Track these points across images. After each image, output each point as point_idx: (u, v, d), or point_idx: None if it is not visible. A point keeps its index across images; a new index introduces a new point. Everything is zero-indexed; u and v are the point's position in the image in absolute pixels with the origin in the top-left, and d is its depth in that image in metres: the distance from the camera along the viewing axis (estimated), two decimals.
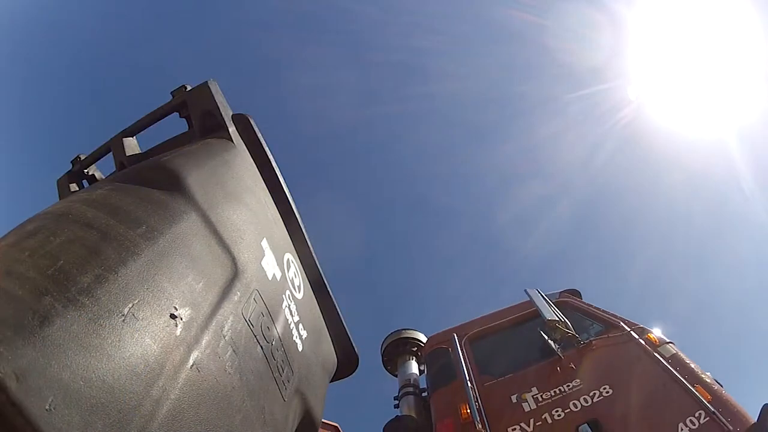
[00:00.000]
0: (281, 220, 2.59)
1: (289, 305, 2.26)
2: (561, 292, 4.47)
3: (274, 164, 2.59)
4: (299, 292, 2.50)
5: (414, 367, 5.19)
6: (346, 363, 2.99)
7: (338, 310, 2.92)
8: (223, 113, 2.42)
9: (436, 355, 4.31)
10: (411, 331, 5.43)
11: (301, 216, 2.74)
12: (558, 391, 3.36)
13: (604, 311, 3.99)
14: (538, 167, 16.44)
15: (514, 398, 3.40)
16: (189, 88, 2.51)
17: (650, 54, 14.33)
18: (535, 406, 3.30)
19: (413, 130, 17.11)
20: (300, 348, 2.28)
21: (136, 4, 19.42)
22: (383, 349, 5.46)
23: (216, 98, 2.42)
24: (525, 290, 4.19)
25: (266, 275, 2.11)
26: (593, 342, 3.67)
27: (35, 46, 18.91)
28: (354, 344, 3.00)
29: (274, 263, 2.26)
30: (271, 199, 2.55)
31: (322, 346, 2.67)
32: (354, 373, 3.11)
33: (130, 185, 1.81)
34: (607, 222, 16.49)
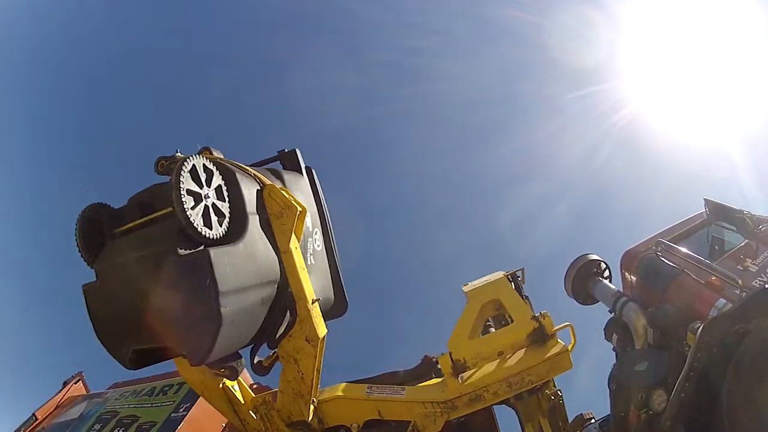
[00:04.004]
0: (317, 213, 4.56)
1: (314, 242, 4.28)
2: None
3: (318, 187, 4.64)
4: (318, 245, 4.37)
5: (608, 284, 5.79)
6: (339, 304, 4.46)
7: (339, 269, 4.54)
8: (302, 167, 4.58)
9: (647, 261, 5.33)
10: (591, 255, 6.00)
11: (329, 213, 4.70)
12: (764, 257, 4.69)
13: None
14: (536, 167, 16.51)
15: (739, 266, 4.64)
16: (286, 150, 4.54)
17: (649, 54, 14.44)
18: (758, 267, 4.60)
19: (413, 130, 17.17)
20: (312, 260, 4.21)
21: (136, 4, 19.41)
22: (572, 278, 5.90)
23: (300, 161, 4.56)
24: (704, 198, 5.54)
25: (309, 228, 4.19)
26: (762, 229, 5.03)
27: (35, 46, 18.82)
28: (346, 293, 4.54)
29: (311, 227, 4.27)
30: (314, 201, 4.55)
31: (325, 279, 4.35)
32: (343, 315, 4.51)
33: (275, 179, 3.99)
34: (605, 223, 16.54)
